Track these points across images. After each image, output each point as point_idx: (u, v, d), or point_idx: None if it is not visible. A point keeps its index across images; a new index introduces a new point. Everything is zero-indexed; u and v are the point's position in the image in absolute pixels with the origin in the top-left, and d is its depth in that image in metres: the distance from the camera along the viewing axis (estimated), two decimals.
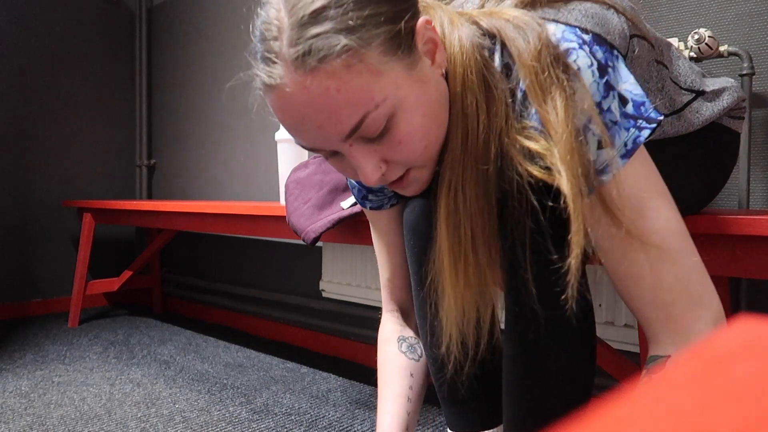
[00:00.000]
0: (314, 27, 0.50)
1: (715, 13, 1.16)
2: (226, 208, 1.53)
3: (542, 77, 0.54)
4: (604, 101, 0.53)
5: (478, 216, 0.60)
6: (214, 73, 2.45)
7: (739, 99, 0.79)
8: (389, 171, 0.59)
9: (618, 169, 0.54)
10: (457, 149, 0.59)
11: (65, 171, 2.58)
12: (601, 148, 0.54)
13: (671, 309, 0.56)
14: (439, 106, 0.58)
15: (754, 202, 1.13)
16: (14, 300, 2.44)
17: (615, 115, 0.54)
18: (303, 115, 0.53)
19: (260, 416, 1.35)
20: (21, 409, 1.38)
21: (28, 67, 2.46)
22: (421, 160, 0.58)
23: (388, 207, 0.83)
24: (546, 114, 0.54)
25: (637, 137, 0.54)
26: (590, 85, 0.53)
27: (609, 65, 0.55)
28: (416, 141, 0.56)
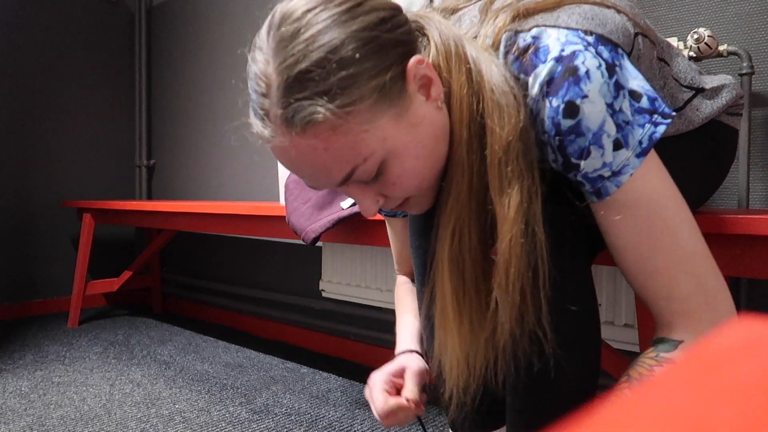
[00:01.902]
0: (299, 91, 0.51)
1: (714, 13, 1.16)
2: (226, 208, 1.53)
3: (505, 169, 0.55)
4: (615, 102, 0.53)
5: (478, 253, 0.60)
6: (213, 73, 2.45)
7: (738, 96, 0.79)
8: (387, 203, 0.62)
9: (635, 168, 0.54)
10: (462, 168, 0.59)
11: (65, 171, 2.58)
12: (617, 149, 0.54)
13: (686, 304, 0.56)
14: (435, 142, 0.58)
15: (753, 202, 1.13)
16: (14, 300, 2.44)
17: (627, 115, 0.54)
18: (297, 167, 0.56)
19: (260, 416, 1.35)
20: (21, 409, 1.38)
21: (28, 68, 2.46)
22: (416, 192, 0.60)
23: (401, 216, 0.90)
24: (500, 208, 0.56)
25: (653, 133, 0.54)
26: (601, 86, 0.52)
27: (616, 64, 0.54)
28: (409, 181, 0.58)
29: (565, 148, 0.55)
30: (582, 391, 0.62)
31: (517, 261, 0.56)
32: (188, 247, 2.60)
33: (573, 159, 0.55)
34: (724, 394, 0.14)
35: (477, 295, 0.60)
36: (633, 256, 0.57)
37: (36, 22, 2.48)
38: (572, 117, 0.53)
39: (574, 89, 0.52)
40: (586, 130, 0.53)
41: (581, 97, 0.52)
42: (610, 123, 0.53)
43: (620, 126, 0.53)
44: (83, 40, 2.63)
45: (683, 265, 0.56)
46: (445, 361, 0.64)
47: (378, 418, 0.74)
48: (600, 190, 0.56)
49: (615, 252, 0.59)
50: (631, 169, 0.54)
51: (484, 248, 0.60)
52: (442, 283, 0.61)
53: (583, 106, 0.52)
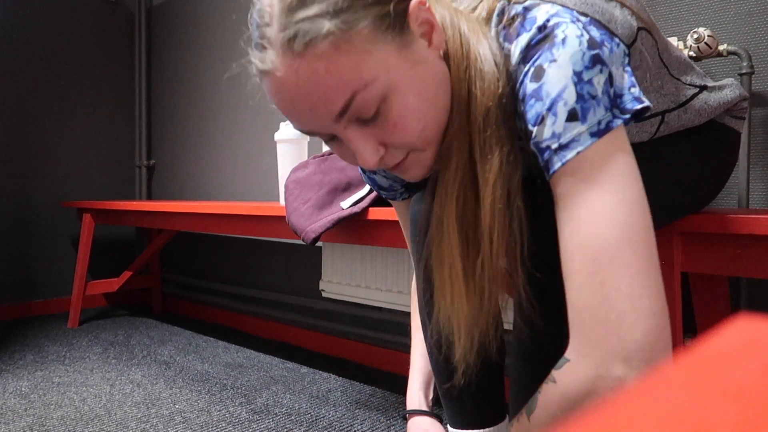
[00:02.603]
0: (301, 11, 0.50)
1: (714, 13, 1.16)
2: (225, 208, 1.53)
3: (484, 135, 0.56)
4: (585, 71, 0.50)
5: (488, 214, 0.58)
6: (213, 73, 2.44)
7: (741, 96, 0.79)
8: (388, 155, 0.58)
9: (584, 147, 0.50)
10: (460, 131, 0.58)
11: (65, 171, 2.58)
12: (570, 120, 0.50)
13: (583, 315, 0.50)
14: (436, 88, 0.56)
15: (753, 202, 1.13)
16: (14, 300, 2.44)
17: (596, 90, 0.50)
18: (295, 98, 0.53)
19: (260, 416, 1.35)
20: (21, 409, 1.38)
21: (28, 68, 2.46)
22: (419, 143, 0.57)
23: (401, 199, 0.86)
24: (482, 173, 0.56)
25: (610, 121, 0.51)
26: (573, 53, 0.50)
27: (605, 45, 0.53)
28: (411, 123, 0.55)
29: (526, 113, 0.53)
30: None
31: (500, 227, 0.56)
32: (188, 247, 2.60)
33: (530, 125, 0.53)
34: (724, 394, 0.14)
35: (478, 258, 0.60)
36: (563, 250, 0.52)
37: (36, 22, 2.48)
38: (537, 80, 0.52)
39: (546, 54, 0.51)
40: (546, 94, 0.51)
41: (549, 61, 0.51)
42: (571, 90, 0.50)
43: (582, 97, 0.50)
44: (83, 40, 2.63)
45: (598, 270, 0.49)
46: (452, 324, 0.63)
47: None
48: (548, 164, 0.52)
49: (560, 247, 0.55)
50: (580, 146, 0.50)
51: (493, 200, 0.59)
52: (450, 246, 0.60)
53: (549, 70, 0.51)
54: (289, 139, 1.43)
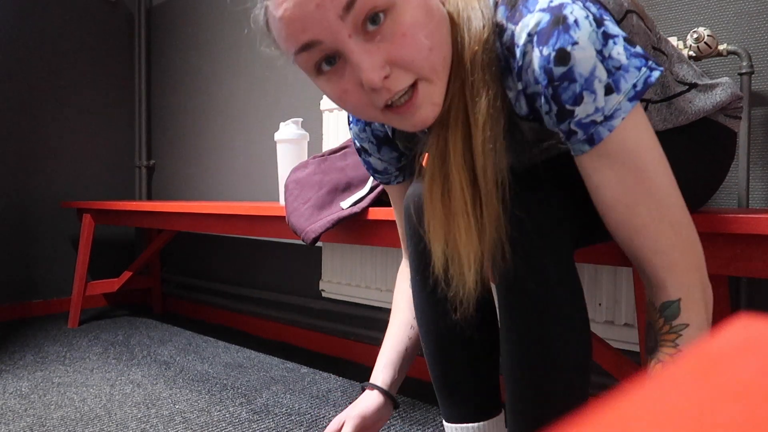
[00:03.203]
0: None
1: (714, 12, 1.16)
2: (225, 209, 1.53)
3: (471, 78, 0.59)
4: (604, 48, 0.54)
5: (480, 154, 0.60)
6: (213, 73, 2.45)
7: (734, 96, 0.79)
8: (394, 76, 0.56)
9: (627, 112, 0.55)
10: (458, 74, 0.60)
11: (64, 172, 2.58)
12: (608, 94, 0.55)
13: (670, 256, 0.59)
14: (439, 17, 0.57)
15: (753, 201, 1.13)
16: (14, 301, 2.44)
17: (619, 60, 0.54)
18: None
19: (260, 416, 1.35)
20: (21, 410, 1.38)
21: (28, 68, 2.46)
22: (427, 65, 0.56)
23: (395, 184, 0.86)
24: (473, 115, 0.59)
25: (648, 77, 0.55)
26: (590, 34, 0.54)
27: (604, 18, 0.56)
28: (420, 37, 0.55)
29: (560, 96, 0.56)
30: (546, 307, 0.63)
31: (492, 166, 0.59)
32: (188, 248, 2.60)
33: (567, 106, 0.56)
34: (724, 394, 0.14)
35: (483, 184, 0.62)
36: (622, 209, 0.59)
37: (35, 22, 2.48)
38: (564, 64, 0.54)
39: (564, 36, 0.53)
40: (579, 76, 0.54)
41: (572, 44, 0.53)
42: (600, 68, 0.54)
43: (610, 71, 0.54)
44: (83, 41, 2.63)
45: (666, 217, 0.59)
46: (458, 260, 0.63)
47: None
48: (593, 135, 0.57)
49: (604, 208, 0.61)
50: (623, 113, 0.55)
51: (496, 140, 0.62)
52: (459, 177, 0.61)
53: (574, 53, 0.54)
54: (289, 139, 1.43)
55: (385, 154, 0.83)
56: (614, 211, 0.60)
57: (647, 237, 0.59)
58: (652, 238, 0.59)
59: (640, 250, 0.61)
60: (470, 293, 0.63)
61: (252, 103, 2.26)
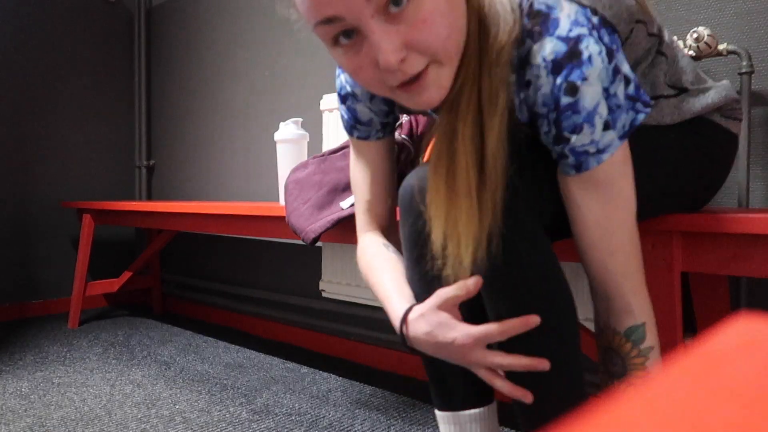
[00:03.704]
0: None
1: (714, 12, 1.16)
2: (225, 209, 1.53)
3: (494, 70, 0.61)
4: (611, 86, 0.59)
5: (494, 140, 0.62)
6: (213, 73, 2.45)
7: (728, 99, 0.79)
8: (410, 60, 0.57)
9: (615, 149, 0.61)
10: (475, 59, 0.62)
11: (64, 172, 2.58)
12: (606, 129, 0.60)
13: (634, 279, 0.65)
14: (460, 7, 0.59)
15: (753, 201, 1.13)
16: (14, 301, 2.44)
17: (620, 99, 0.59)
18: None
19: (260, 416, 1.35)
20: (21, 410, 1.38)
21: (27, 68, 2.46)
22: (442, 50, 0.58)
23: (374, 139, 0.83)
24: (486, 105, 0.61)
25: (634, 119, 0.61)
26: (600, 72, 0.58)
27: (614, 48, 0.59)
28: (440, 25, 0.56)
29: (561, 122, 0.61)
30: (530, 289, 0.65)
31: (503, 155, 0.62)
32: (188, 248, 2.60)
33: (566, 132, 0.61)
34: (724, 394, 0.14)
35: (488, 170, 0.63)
36: (599, 231, 0.64)
37: (35, 22, 2.48)
38: (572, 95, 0.59)
39: (577, 72, 0.58)
40: (582, 108, 0.59)
41: (582, 80, 0.58)
42: (603, 105, 0.59)
43: (612, 109, 0.59)
44: (82, 41, 2.63)
45: (633, 243, 0.64)
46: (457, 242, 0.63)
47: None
48: (582, 163, 0.62)
49: (582, 227, 0.65)
50: (613, 149, 0.61)
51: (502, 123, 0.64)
52: (466, 162, 0.62)
53: (583, 88, 0.58)
54: (289, 139, 1.43)
55: (376, 105, 0.82)
56: (592, 232, 0.64)
57: (619, 260, 0.64)
58: (623, 262, 0.64)
59: (611, 273, 0.65)
60: (466, 274, 0.63)
61: (252, 103, 2.26)
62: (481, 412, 0.76)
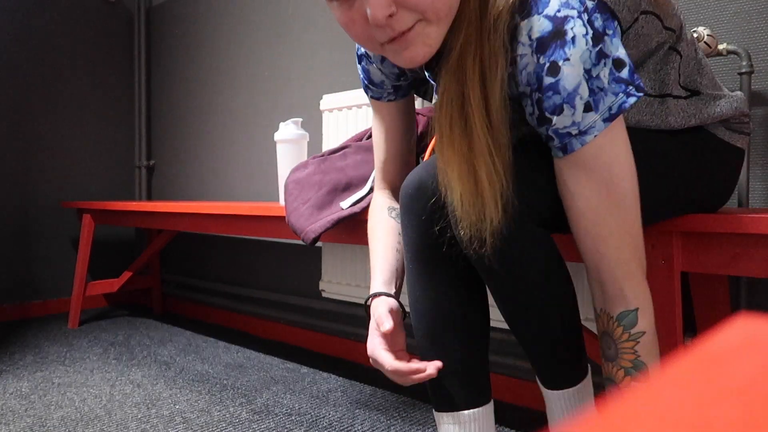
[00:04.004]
0: None
1: (713, 12, 1.16)
2: (225, 209, 1.53)
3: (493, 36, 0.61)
4: (594, 68, 0.58)
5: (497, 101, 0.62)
6: (213, 73, 2.45)
7: (738, 111, 0.79)
8: (398, 16, 0.58)
9: (599, 131, 0.60)
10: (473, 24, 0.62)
11: (64, 172, 2.58)
12: (586, 111, 0.60)
13: (629, 266, 0.64)
14: None
15: (753, 201, 1.13)
16: (14, 301, 2.44)
17: (603, 82, 0.59)
18: None
19: (261, 417, 1.35)
20: (21, 410, 1.38)
21: (27, 68, 2.46)
22: (431, 9, 0.59)
23: (386, 101, 0.87)
24: (488, 70, 0.61)
25: (623, 103, 0.60)
26: (582, 53, 0.58)
27: (606, 33, 0.59)
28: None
29: (542, 103, 0.61)
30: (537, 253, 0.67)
31: (507, 119, 0.62)
32: (188, 248, 2.60)
33: (547, 113, 0.61)
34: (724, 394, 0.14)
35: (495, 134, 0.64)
36: (591, 217, 0.63)
37: (35, 22, 2.48)
38: (553, 76, 0.59)
39: (559, 52, 0.58)
40: (563, 89, 0.59)
41: (563, 60, 0.58)
42: (584, 87, 0.59)
43: (593, 91, 0.59)
44: (82, 41, 2.63)
45: (630, 230, 0.64)
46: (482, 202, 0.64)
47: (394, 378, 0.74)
48: (566, 145, 0.62)
49: (574, 214, 0.65)
50: (596, 131, 0.60)
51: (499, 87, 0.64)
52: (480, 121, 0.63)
53: (564, 68, 0.58)
54: (289, 139, 1.43)
55: (387, 67, 0.83)
56: (584, 218, 0.64)
57: (611, 246, 0.64)
58: (616, 248, 0.64)
59: (602, 260, 0.65)
60: (496, 228, 0.64)
61: (252, 103, 2.26)
62: (479, 411, 0.76)
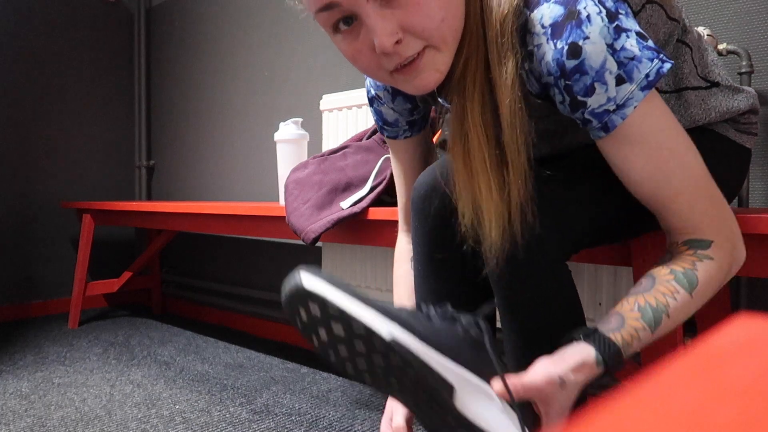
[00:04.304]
0: None
1: (713, 12, 1.16)
2: (225, 209, 1.53)
3: (500, 41, 0.60)
4: (616, 42, 0.57)
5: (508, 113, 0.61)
6: (213, 73, 2.44)
7: (749, 107, 0.78)
8: (404, 44, 0.59)
9: (638, 101, 0.58)
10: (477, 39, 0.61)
11: (64, 172, 2.58)
12: (620, 84, 0.57)
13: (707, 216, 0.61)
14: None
15: (753, 201, 1.13)
16: (14, 302, 2.44)
17: (632, 52, 0.57)
18: None
19: (261, 417, 1.35)
20: (21, 410, 1.38)
21: (27, 68, 2.46)
22: (437, 34, 0.59)
23: (403, 138, 0.87)
24: (499, 77, 0.61)
25: (660, 68, 0.57)
26: (601, 29, 0.56)
27: (620, 12, 0.58)
28: (435, 7, 0.57)
29: (572, 88, 0.59)
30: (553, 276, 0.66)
31: (520, 122, 0.61)
32: (188, 248, 2.60)
33: (579, 97, 0.59)
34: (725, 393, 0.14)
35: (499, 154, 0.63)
36: (650, 186, 0.61)
37: (35, 22, 2.48)
38: (576, 57, 0.57)
39: (576, 32, 0.56)
40: (590, 68, 0.57)
41: (583, 39, 0.56)
42: (611, 61, 0.57)
43: (622, 63, 0.57)
44: (82, 41, 2.63)
45: (698, 187, 0.61)
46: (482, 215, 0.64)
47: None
48: (607, 123, 0.59)
49: (632, 186, 0.63)
50: (635, 102, 0.58)
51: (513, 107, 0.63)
52: (478, 140, 0.63)
53: (585, 47, 0.56)
54: (289, 139, 1.43)
55: (399, 105, 0.83)
56: (644, 187, 0.62)
57: (682, 202, 0.61)
58: (687, 203, 0.61)
59: (675, 212, 0.62)
60: (497, 246, 0.64)
61: (252, 103, 2.26)
62: None
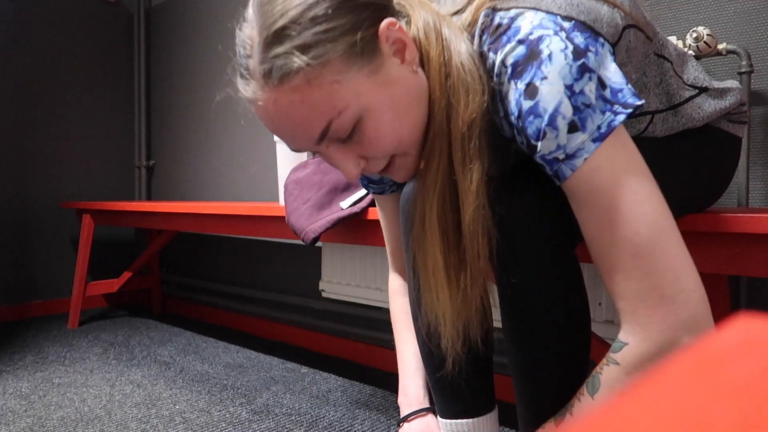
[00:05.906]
0: (276, 47, 0.55)
1: (713, 11, 1.16)
2: (225, 209, 1.53)
3: (468, 145, 0.59)
4: (576, 83, 0.53)
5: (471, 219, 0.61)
6: (212, 73, 2.44)
7: (740, 102, 0.79)
8: (370, 165, 0.63)
9: (589, 153, 0.53)
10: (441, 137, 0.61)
11: (64, 172, 2.58)
12: (572, 132, 0.53)
13: (635, 303, 0.54)
14: (410, 102, 0.60)
15: (753, 200, 1.13)
16: (14, 302, 2.44)
17: (589, 98, 0.53)
18: (277, 125, 0.59)
19: (260, 417, 1.35)
20: (21, 410, 1.38)
21: (27, 69, 2.46)
22: (400, 150, 0.62)
23: (389, 193, 0.91)
24: (463, 181, 0.60)
25: (612, 121, 0.53)
26: (561, 68, 0.52)
27: (590, 50, 0.54)
28: (386, 139, 0.59)
29: (525, 130, 0.56)
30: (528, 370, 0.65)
31: (482, 229, 0.61)
32: (188, 248, 2.60)
33: (532, 140, 0.56)
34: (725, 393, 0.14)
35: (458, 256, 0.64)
36: (596, 248, 0.57)
37: (35, 23, 2.48)
38: (532, 98, 0.54)
39: (536, 71, 0.54)
40: (543, 111, 0.54)
41: (541, 79, 0.53)
42: (566, 104, 0.53)
43: (578, 108, 0.53)
44: (82, 41, 2.63)
45: (640, 263, 0.53)
46: (437, 315, 0.67)
47: None
48: (557, 172, 0.56)
49: (586, 239, 0.58)
50: (586, 153, 0.53)
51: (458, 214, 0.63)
52: (432, 245, 0.64)
53: (542, 87, 0.53)
54: None
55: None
56: (591, 247, 0.58)
57: (618, 279, 0.55)
58: (622, 282, 0.55)
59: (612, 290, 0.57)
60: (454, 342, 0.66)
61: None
62: (483, 419, 0.77)
